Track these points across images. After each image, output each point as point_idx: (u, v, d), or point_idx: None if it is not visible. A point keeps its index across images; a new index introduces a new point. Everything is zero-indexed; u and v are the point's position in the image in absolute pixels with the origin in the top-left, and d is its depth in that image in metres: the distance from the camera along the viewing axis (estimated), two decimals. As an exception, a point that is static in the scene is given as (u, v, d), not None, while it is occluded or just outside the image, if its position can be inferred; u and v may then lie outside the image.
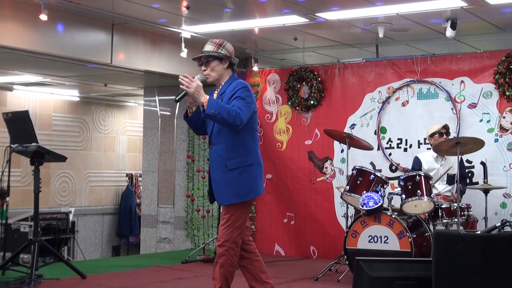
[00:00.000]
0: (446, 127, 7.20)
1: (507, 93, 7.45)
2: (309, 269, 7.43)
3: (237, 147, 4.71)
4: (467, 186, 7.19)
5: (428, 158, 7.25)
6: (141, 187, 11.33)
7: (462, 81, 7.82)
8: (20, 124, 6.29)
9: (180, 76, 4.59)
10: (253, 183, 4.78)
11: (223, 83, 4.82)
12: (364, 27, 7.87)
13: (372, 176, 6.71)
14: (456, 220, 6.50)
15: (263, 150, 9.01)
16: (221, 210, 4.85)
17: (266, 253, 8.88)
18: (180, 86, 4.61)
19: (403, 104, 8.18)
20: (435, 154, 7.13)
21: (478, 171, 7.55)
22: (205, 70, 4.80)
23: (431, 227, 6.70)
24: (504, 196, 7.47)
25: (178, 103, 9.90)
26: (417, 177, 6.58)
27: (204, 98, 4.55)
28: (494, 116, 7.60)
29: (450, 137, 7.09)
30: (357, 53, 9.04)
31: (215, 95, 4.83)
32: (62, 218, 7.96)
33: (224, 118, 4.53)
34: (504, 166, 7.51)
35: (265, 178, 9.07)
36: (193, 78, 4.61)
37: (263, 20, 7.69)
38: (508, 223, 4.31)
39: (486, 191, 6.74)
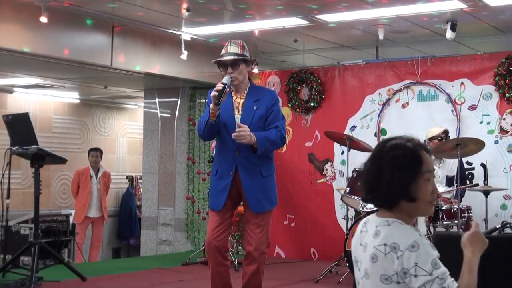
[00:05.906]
0: (446, 131, 7.16)
1: (507, 94, 7.45)
2: (310, 271, 7.43)
3: (264, 154, 4.60)
4: (464, 187, 7.12)
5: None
6: (141, 189, 11.31)
7: (462, 83, 7.82)
8: (20, 126, 6.28)
9: (234, 134, 4.42)
10: (276, 191, 4.78)
11: (247, 88, 4.67)
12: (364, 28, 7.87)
13: (372, 178, 6.69)
14: (456, 222, 6.49)
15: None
16: (248, 217, 4.69)
17: (267, 255, 8.87)
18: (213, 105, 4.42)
19: (403, 106, 8.18)
20: (433, 156, 7.11)
21: (478, 172, 7.53)
22: (231, 73, 4.57)
23: (431, 229, 6.69)
24: (505, 198, 7.47)
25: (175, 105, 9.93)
26: (418, 178, 6.55)
27: (254, 138, 4.44)
28: (494, 117, 7.59)
29: (450, 138, 7.08)
30: (357, 55, 9.03)
31: (240, 99, 4.64)
32: (62, 220, 7.93)
33: (272, 149, 4.58)
34: (504, 168, 7.51)
35: (265, 180, 9.06)
36: (221, 84, 4.41)
37: (263, 22, 7.68)
38: (508, 225, 4.30)
39: (486, 193, 6.71)
